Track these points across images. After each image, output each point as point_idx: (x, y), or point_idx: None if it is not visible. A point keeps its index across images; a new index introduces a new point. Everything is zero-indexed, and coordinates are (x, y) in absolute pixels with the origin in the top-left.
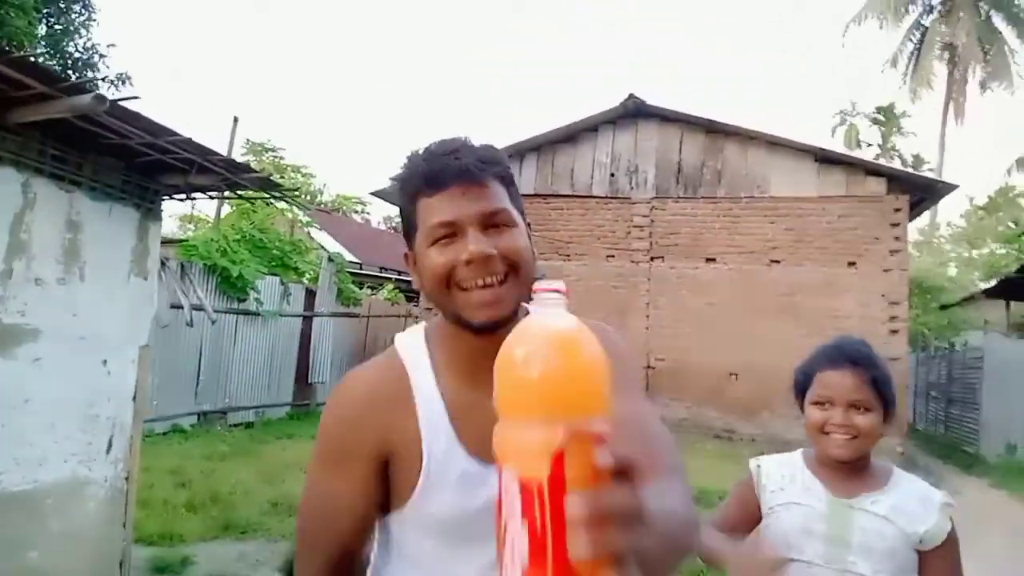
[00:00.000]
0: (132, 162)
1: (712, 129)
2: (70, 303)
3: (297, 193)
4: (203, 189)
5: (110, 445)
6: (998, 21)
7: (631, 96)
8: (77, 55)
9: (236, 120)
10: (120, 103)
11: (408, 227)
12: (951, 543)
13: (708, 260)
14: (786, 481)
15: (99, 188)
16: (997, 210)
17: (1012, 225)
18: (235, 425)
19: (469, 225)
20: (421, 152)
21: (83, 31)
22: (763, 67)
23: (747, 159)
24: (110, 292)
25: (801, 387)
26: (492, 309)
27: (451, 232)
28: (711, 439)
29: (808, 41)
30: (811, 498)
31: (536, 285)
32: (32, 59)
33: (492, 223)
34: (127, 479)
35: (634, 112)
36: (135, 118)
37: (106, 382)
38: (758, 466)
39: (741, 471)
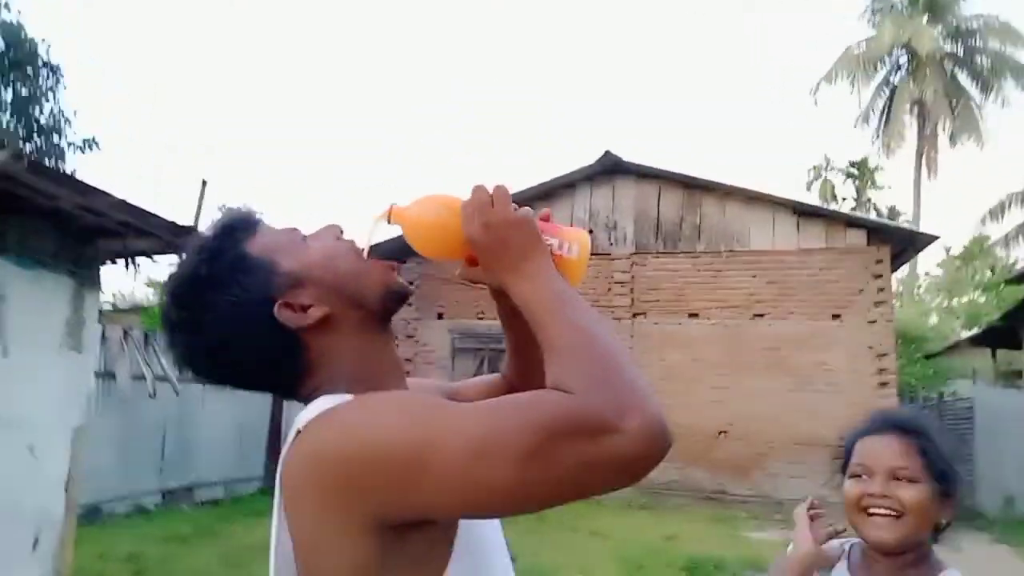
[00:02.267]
0: (66, 227)
1: (689, 184)
2: None
3: None
4: (145, 253)
5: (36, 541)
6: (963, 78)
7: (607, 153)
8: (43, 121)
9: (204, 184)
10: (40, 163)
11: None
12: None
13: (691, 315)
14: None
15: (27, 255)
16: (973, 259)
17: (989, 274)
18: (203, 503)
19: None
20: None
21: (50, 96)
22: (735, 124)
23: (725, 213)
24: (39, 369)
25: (845, 462)
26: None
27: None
28: (702, 501)
29: (780, 99)
30: None
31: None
32: None
33: None
34: None
35: (611, 169)
36: (63, 179)
37: (32, 470)
38: None
39: (736, 535)
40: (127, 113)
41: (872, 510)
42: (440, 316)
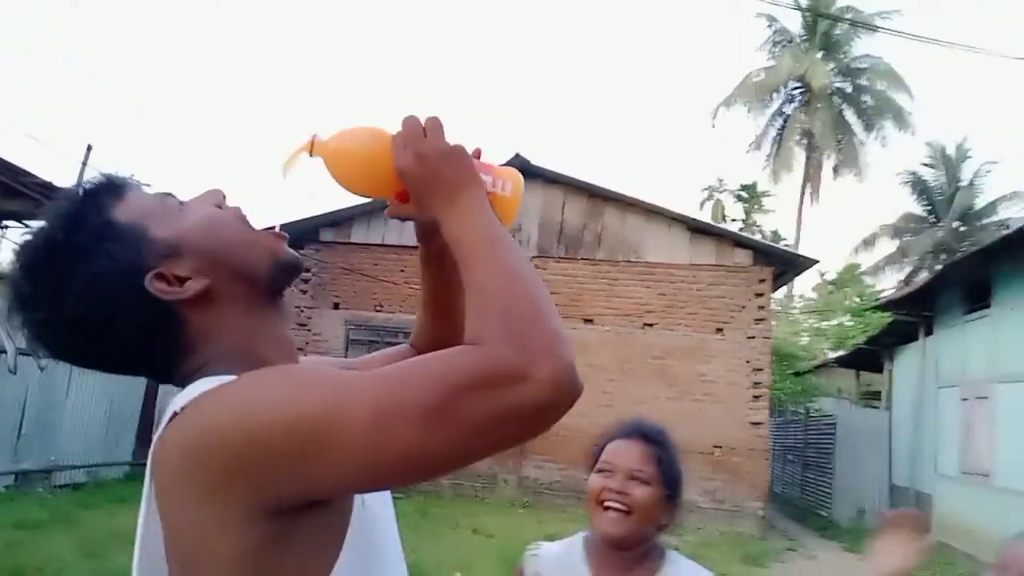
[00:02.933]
0: None
1: (594, 193)
2: None
3: None
4: (16, 216)
5: None
6: (849, 115)
7: (517, 155)
8: None
9: (89, 148)
10: None
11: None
12: None
13: (586, 321)
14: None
15: None
16: (845, 285)
17: (857, 300)
18: (62, 486)
19: None
20: None
21: None
22: (637, 140)
23: (625, 224)
24: None
25: (593, 461)
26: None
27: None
28: (583, 501)
29: (681, 119)
30: None
31: None
32: None
33: None
34: None
35: (519, 171)
36: None
37: None
38: (535, 556)
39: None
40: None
41: (607, 503)
42: (336, 306)
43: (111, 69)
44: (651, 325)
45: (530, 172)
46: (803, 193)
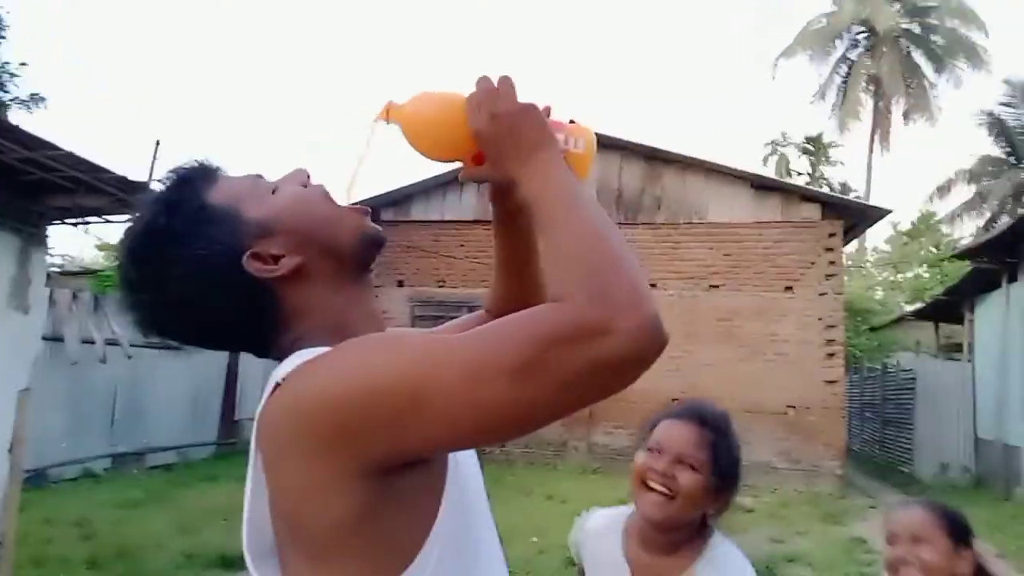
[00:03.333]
0: (13, 181)
1: (651, 156)
2: None
3: None
4: (96, 212)
5: None
6: (918, 57)
7: (572, 121)
8: None
9: (158, 144)
10: None
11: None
12: None
13: (650, 285)
14: (599, 557)
15: None
16: (920, 236)
17: (934, 250)
18: (154, 467)
19: None
20: None
21: None
22: (697, 100)
23: (685, 186)
24: None
25: (644, 438)
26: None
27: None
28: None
29: (740, 74)
30: None
31: None
32: None
33: None
34: (1, 543)
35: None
36: (7, 130)
37: None
38: (580, 525)
39: None
40: (84, 72)
41: (651, 484)
42: (400, 284)
43: (111, 69)
44: (717, 287)
45: None
46: (872, 142)
